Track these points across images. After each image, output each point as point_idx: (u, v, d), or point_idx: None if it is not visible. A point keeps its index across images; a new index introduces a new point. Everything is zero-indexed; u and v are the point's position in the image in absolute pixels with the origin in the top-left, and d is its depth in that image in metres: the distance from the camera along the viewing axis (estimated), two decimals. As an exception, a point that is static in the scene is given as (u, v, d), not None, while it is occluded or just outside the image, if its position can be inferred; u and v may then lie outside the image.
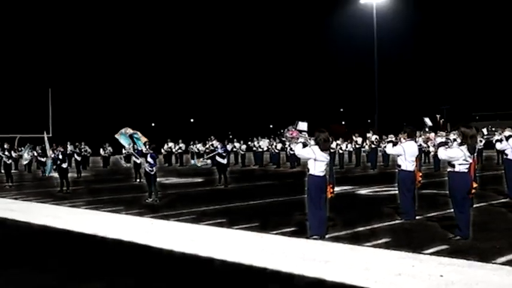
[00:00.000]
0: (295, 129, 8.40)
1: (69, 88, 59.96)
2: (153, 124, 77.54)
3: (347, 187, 15.55)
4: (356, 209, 11.35)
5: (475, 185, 8.20)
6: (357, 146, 27.43)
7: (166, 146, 32.94)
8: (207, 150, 28.67)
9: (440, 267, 6.05)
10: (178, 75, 76.42)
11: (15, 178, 20.63)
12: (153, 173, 13.44)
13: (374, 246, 7.30)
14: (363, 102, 70.82)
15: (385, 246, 7.27)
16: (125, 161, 16.05)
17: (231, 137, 43.79)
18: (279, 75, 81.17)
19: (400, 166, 9.39)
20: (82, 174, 24.32)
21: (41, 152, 27.21)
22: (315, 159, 7.93)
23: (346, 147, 27.90)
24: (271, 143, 29.77)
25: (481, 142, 19.78)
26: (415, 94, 74.24)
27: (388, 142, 9.99)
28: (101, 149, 33.17)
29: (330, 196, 8.37)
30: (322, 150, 7.96)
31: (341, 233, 8.25)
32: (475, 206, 9.58)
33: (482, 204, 10.87)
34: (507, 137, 12.43)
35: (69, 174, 17.09)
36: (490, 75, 70.67)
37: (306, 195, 8.16)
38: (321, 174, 7.99)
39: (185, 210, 11.43)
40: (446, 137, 8.29)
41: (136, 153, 18.50)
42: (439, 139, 8.24)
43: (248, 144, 31.62)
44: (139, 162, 19.01)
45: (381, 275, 5.87)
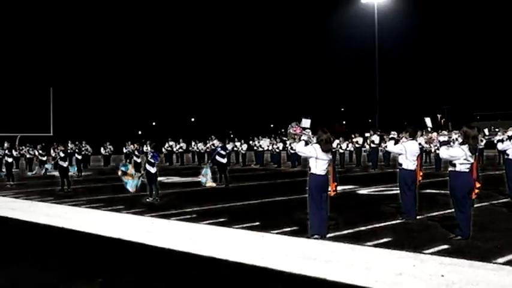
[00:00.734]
0: (298, 126, 8.39)
1: (70, 87, 60.05)
2: (154, 123, 77.61)
3: (348, 187, 15.54)
4: (357, 208, 11.35)
5: (478, 185, 8.19)
6: (357, 145, 27.42)
7: (167, 145, 32.94)
8: (208, 150, 28.66)
9: (441, 267, 6.05)
10: (179, 75, 76.51)
11: (16, 177, 20.61)
12: (154, 172, 13.44)
13: (375, 245, 7.30)
14: (363, 102, 70.85)
15: (386, 245, 7.27)
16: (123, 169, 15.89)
17: (231, 136, 43.78)
18: (280, 75, 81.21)
19: (401, 165, 9.41)
20: (83, 173, 24.33)
21: (41, 151, 27.25)
22: (317, 158, 7.92)
23: (347, 146, 27.89)
24: (272, 143, 29.77)
25: (482, 142, 19.79)
26: (416, 94, 74.28)
27: (390, 139, 9.97)
28: (102, 148, 33.18)
29: (333, 194, 8.36)
30: (323, 151, 7.95)
31: (342, 233, 8.25)
32: (476, 205, 9.58)
33: (483, 204, 10.87)
34: (510, 137, 12.41)
35: (70, 173, 17.10)
36: (491, 75, 70.69)
37: (307, 195, 8.15)
38: (322, 173, 7.98)
39: (186, 209, 11.42)
40: (448, 136, 8.28)
41: (138, 153, 18.53)
42: (441, 138, 8.23)
43: (249, 144, 31.60)
44: (139, 161, 19.01)
45: (382, 274, 5.86)
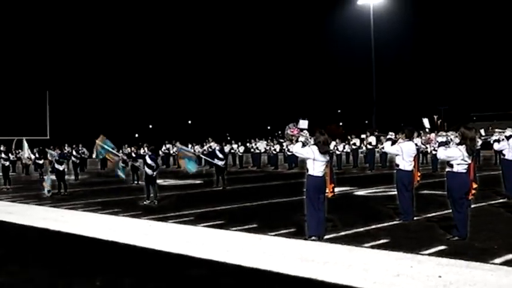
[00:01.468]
0: (295, 127, 8.39)
1: (66, 90, 59.95)
2: (150, 126, 77.54)
3: (345, 188, 15.55)
4: (354, 209, 11.35)
5: (475, 186, 8.20)
6: (354, 147, 27.43)
7: (164, 147, 32.91)
8: (205, 152, 28.64)
9: (438, 268, 6.06)
10: (176, 78, 76.48)
11: (12, 180, 20.55)
12: (153, 175, 13.42)
13: (372, 247, 7.30)
14: (360, 103, 70.95)
15: (384, 247, 7.27)
16: (122, 169, 15.82)
17: (228, 138, 43.75)
18: (276, 77, 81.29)
19: (398, 166, 9.42)
20: (80, 176, 24.27)
21: (38, 154, 27.18)
22: (314, 159, 7.93)
23: (344, 148, 27.90)
24: (269, 144, 29.76)
25: (479, 142, 19.79)
26: (412, 95, 74.42)
27: (387, 140, 9.97)
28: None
29: (330, 196, 8.36)
30: (321, 152, 7.95)
31: (339, 234, 8.25)
32: (473, 206, 9.58)
33: (480, 205, 10.88)
34: (508, 137, 12.44)
35: (66, 177, 17.06)
36: (488, 76, 70.90)
37: (304, 196, 8.15)
38: (320, 174, 7.98)
39: (183, 212, 11.41)
40: (446, 137, 8.29)
41: (135, 156, 18.53)
42: (440, 139, 8.24)
43: (246, 146, 31.58)
44: (137, 164, 18.99)
45: (380, 275, 5.87)
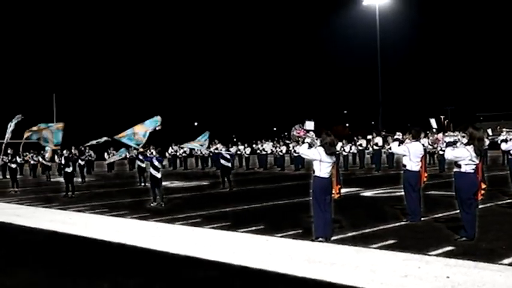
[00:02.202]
0: (302, 129, 8.39)
1: (73, 93, 60.17)
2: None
3: (352, 189, 15.52)
4: (361, 210, 11.32)
5: (484, 186, 8.16)
6: (360, 147, 27.38)
7: (171, 149, 32.99)
8: (211, 154, 28.66)
9: (446, 269, 6.03)
10: (182, 79, 76.62)
11: (20, 183, 20.66)
12: (158, 176, 13.46)
13: (380, 248, 7.28)
14: (366, 103, 70.72)
15: (391, 247, 7.25)
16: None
17: (235, 140, 43.77)
18: (282, 78, 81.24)
19: (405, 166, 9.40)
20: (86, 179, 24.35)
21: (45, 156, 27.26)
22: (320, 161, 7.92)
23: (350, 149, 27.85)
24: (275, 146, 29.75)
25: (486, 142, 19.69)
26: (419, 95, 74.16)
27: (394, 140, 9.94)
28: (105, 154, 33.21)
29: (337, 197, 8.35)
30: (327, 154, 7.94)
31: (346, 235, 8.23)
32: (480, 206, 9.53)
33: (488, 205, 10.83)
34: None
35: (74, 179, 17.11)
36: (494, 76, 70.54)
37: (310, 197, 8.15)
38: (326, 175, 7.97)
39: (190, 213, 11.42)
40: (454, 137, 8.26)
41: (143, 158, 18.57)
42: (447, 139, 8.21)
43: (252, 147, 31.60)
44: (143, 166, 19.04)
45: (387, 276, 5.85)
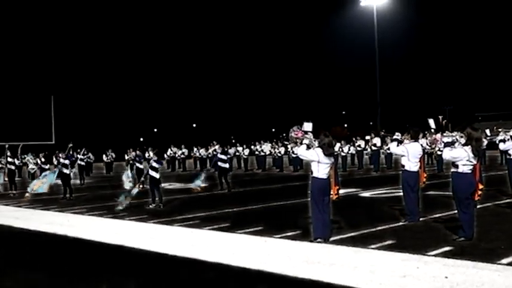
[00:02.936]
0: (300, 130, 8.39)
1: (71, 95, 60.12)
2: (155, 129, 77.68)
3: (350, 190, 15.52)
4: (360, 211, 11.33)
5: (481, 187, 8.17)
6: (358, 148, 27.40)
7: (169, 151, 32.98)
8: (210, 156, 28.67)
9: (445, 269, 6.04)
10: (180, 81, 76.59)
11: (18, 186, 20.62)
12: (157, 177, 13.46)
13: (378, 248, 7.29)
14: (365, 104, 70.75)
15: (390, 248, 7.26)
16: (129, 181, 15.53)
17: (233, 141, 43.78)
18: (280, 79, 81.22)
19: (404, 167, 9.41)
20: (85, 180, 24.33)
21: (44, 160, 27.24)
22: (319, 162, 7.92)
23: (349, 149, 27.87)
24: (273, 147, 29.76)
25: (484, 142, 19.70)
26: (417, 95, 74.14)
27: (392, 140, 9.94)
28: (104, 155, 33.22)
29: (335, 198, 8.35)
30: (325, 155, 7.94)
31: (345, 236, 8.24)
32: (478, 206, 9.56)
33: (487, 205, 10.84)
34: None
35: (72, 181, 17.09)
36: (493, 76, 70.58)
37: (309, 198, 8.15)
38: (324, 176, 7.97)
39: (188, 215, 11.42)
40: (452, 137, 8.26)
41: (140, 159, 18.58)
42: (445, 139, 8.22)
43: (251, 148, 31.61)
44: (141, 167, 19.03)
45: (386, 277, 5.85)
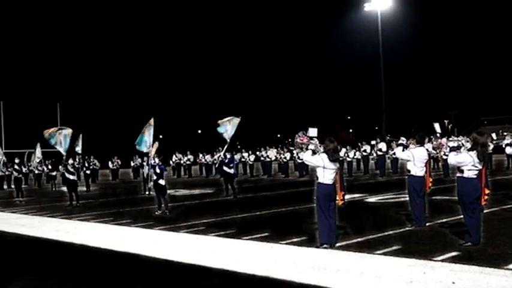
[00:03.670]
0: (305, 135, 8.39)
1: (77, 102, 60.39)
2: (160, 136, 77.85)
3: (356, 195, 15.49)
4: (365, 216, 11.30)
5: (487, 191, 8.13)
6: (364, 153, 27.37)
7: (175, 157, 33.05)
8: (215, 162, 28.70)
9: (452, 274, 6.01)
10: (186, 87, 76.79)
11: (25, 193, 20.71)
12: (163, 184, 13.48)
13: (385, 254, 7.27)
14: (370, 109, 70.71)
15: (396, 253, 7.24)
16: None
17: (239, 147, 43.78)
18: (285, 84, 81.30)
19: (409, 171, 9.38)
20: (91, 187, 24.40)
21: (51, 166, 27.39)
22: (324, 167, 7.91)
23: (354, 155, 27.84)
24: (279, 152, 29.76)
25: (490, 147, 19.67)
26: (422, 100, 74.03)
27: (398, 145, 9.92)
28: (110, 162, 33.34)
29: (341, 203, 8.34)
30: (331, 160, 7.93)
31: (351, 241, 8.22)
32: (486, 211, 9.52)
33: (493, 209, 10.79)
34: None
35: (78, 188, 17.14)
36: (498, 80, 70.40)
37: (315, 204, 8.14)
38: (330, 182, 7.96)
39: (194, 221, 11.42)
40: (458, 142, 8.25)
41: (148, 166, 18.61)
42: (451, 144, 8.20)
43: (256, 154, 31.63)
44: (147, 172, 19.05)
45: (392, 283, 5.84)
